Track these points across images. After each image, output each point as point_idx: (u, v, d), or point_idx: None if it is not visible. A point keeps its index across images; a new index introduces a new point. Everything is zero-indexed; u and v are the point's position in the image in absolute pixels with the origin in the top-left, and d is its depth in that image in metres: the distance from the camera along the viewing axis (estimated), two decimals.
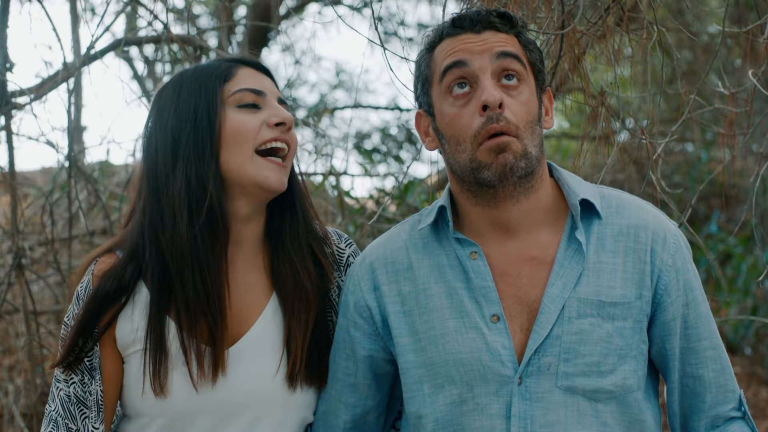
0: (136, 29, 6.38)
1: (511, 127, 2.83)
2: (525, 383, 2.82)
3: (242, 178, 2.97)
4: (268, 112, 3.01)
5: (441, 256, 3.00)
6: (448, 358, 2.89)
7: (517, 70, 2.90)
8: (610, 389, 2.85)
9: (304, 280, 3.09)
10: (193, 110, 2.97)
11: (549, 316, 2.84)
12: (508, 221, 2.93)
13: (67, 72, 5.10)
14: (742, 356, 10.75)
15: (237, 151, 2.97)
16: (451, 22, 2.97)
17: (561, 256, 2.90)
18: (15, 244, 5.35)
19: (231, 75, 3.02)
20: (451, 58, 2.91)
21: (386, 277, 3.04)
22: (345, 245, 3.28)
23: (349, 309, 3.09)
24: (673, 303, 2.92)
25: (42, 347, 6.12)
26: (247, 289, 3.08)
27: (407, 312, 2.99)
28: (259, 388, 3.02)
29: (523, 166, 2.83)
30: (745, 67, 6.67)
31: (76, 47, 5.74)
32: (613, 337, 2.85)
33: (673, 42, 3.85)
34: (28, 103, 5.13)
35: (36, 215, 7.52)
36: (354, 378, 3.10)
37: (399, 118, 12.16)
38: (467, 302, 2.91)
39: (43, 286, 7.21)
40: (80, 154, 6.47)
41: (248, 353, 3.02)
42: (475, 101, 2.86)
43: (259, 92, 3.02)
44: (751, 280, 10.59)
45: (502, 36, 2.94)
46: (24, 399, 6.76)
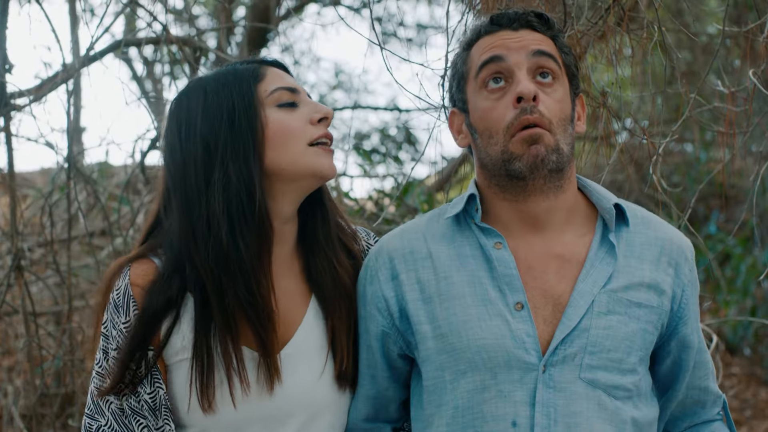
0: (135, 30, 6.37)
1: (545, 120, 2.85)
2: (549, 372, 2.83)
3: (297, 171, 2.94)
4: (308, 109, 3.00)
5: (463, 246, 3.00)
6: (471, 344, 2.89)
7: (553, 69, 2.93)
8: (628, 387, 2.87)
9: (343, 276, 3.09)
10: (228, 113, 2.92)
11: (578, 310, 2.86)
12: (537, 216, 2.95)
13: (66, 73, 5.10)
14: (742, 357, 10.76)
15: (287, 148, 2.94)
16: (489, 20, 3.01)
17: (593, 255, 2.93)
18: (14, 246, 5.35)
19: (262, 75, 3.00)
20: (488, 53, 2.94)
21: (404, 265, 3.04)
22: (374, 242, 3.29)
23: (367, 301, 3.09)
24: (691, 317, 2.99)
25: (41, 348, 6.11)
26: (287, 293, 3.05)
27: (426, 299, 2.99)
28: (309, 393, 3.01)
29: (554, 159, 2.86)
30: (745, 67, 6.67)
31: (75, 48, 5.74)
32: (636, 338, 2.89)
33: (673, 42, 3.85)
34: (27, 105, 5.13)
35: (35, 216, 7.52)
36: (374, 370, 3.10)
37: (398, 118, 12.18)
38: (491, 290, 2.92)
39: (42, 287, 7.21)
40: (79, 155, 6.46)
41: (296, 358, 3.01)
42: (510, 94, 2.88)
43: (294, 90, 3.01)
44: (751, 281, 10.60)
45: (539, 36, 2.97)
46: (23, 400, 6.77)
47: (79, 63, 5.14)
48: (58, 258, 6.57)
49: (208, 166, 2.91)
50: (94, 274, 7.63)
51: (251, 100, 2.94)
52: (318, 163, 2.95)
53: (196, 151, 2.92)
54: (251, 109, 2.93)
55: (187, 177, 2.93)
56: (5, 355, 7.55)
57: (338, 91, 12.51)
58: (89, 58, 5.23)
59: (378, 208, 6.82)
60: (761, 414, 9.56)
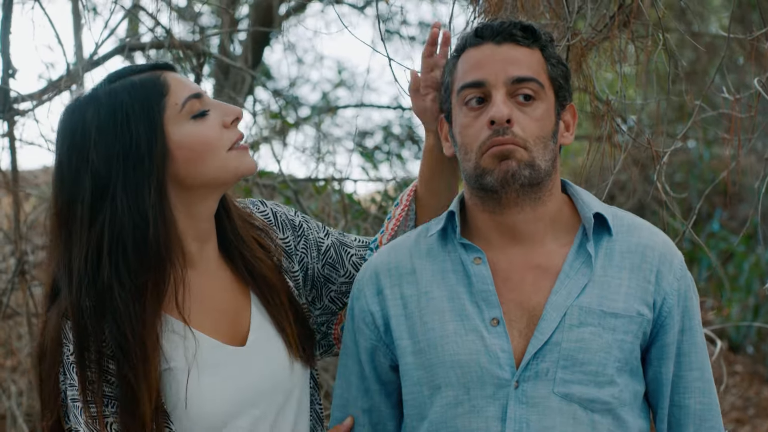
0: (138, 35, 6.36)
1: (518, 140, 2.85)
2: (522, 387, 2.83)
3: (221, 178, 2.92)
4: (218, 113, 2.94)
5: (445, 262, 3.01)
6: (446, 359, 2.90)
7: (533, 90, 2.91)
8: (606, 400, 2.85)
9: (261, 268, 3.08)
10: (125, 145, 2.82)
11: (550, 323, 2.85)
12: (514, 227, 2.95)
13: (69, 79, 5.10)
14: (744, 355, 10.76)
15: (208, 161, 2.89)
16: (473, 32, 3.00)
17: (568, 266, 2.92)
18: (18, 250, 5.35)
19: (166, 86, 2.89)
20: (469, 76, 2.94)
21: (389, 281, 3.05)
22: (263, 207, 3.26)
23: (355, 316, 3.11)
24: (673, 327, 2.93)
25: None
26: (225, 285, 3.07)
27: (408, 315, 3.00)
28: (278, 377, 3.03)
29: (527, 174, 2.86)
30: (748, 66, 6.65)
31: (78, 53, 5.73)
32: (612, 349, 2.85)
33: (675, 41, 3.84)
34: (30, 110, 5.12)
35: (39, 218, 7.52)
36: (367, 383, 3.11)
37: (401, 116, 12.16)
38: (468, 306, 2.92)
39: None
40: None
41: (259, 346, 3.02)
42: (485, 115, 2.88)
43: (199, 95, 2.93)
44: (754, 279, 10.61)
45: (523, 51, 2.95)
46: (27, 400, 6.78)
47: (82, 68, 5.13)
48: None
49: (96, 199, 2.83)
50: None
51: (155, 126, 2.85)
52: (241, 165, 2.94)
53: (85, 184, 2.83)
54: (154, 138, 2.84)
55: (72, 210, 2.84)
56: (8, 355, 7.55)
57: (341, 88, 12.49)
58: (93, 63, 5.22)
59: (381, 212, 6.81)
60: (764, 412, 9.57)
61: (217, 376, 2.94)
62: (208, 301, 3.02)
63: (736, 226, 12.05)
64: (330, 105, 11.86)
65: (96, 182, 2.82)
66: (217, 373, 2.95)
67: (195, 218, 2.98)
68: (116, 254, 2.83)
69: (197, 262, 3.02)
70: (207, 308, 3.01)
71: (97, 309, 2.82)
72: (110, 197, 2.82)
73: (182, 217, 2.95)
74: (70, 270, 2.84)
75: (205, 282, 3.03)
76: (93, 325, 2.83)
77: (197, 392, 2.91)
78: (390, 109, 11.98)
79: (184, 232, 2.97)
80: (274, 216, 3.26)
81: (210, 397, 2.93)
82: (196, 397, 2.91)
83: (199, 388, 2.91)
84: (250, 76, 7.59)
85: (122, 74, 2.97)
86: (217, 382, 2.94)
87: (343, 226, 6.32)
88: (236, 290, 3.09)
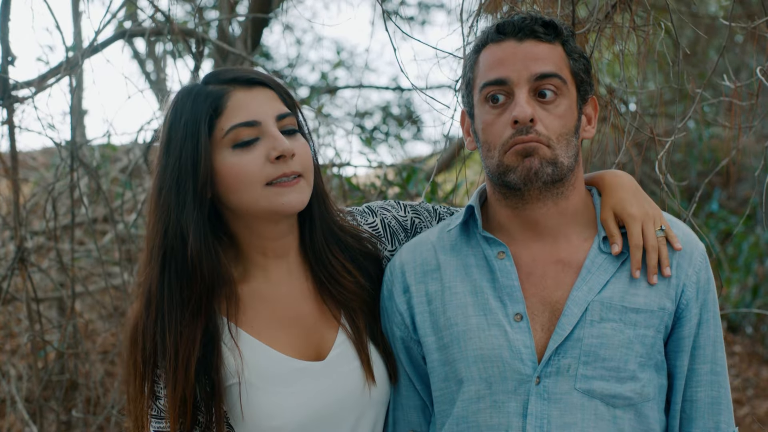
0: (138, 22, 6.33)
1: (542, 138, 2.87)
2: (543, 383, 2.84)
3: (258, 211, 2.93)
4: (267, 145, 2.92)
5: (469, 257, 3.04)
6: (469, 354, 2.92)
7: (556, 86, 2.92)
8: (628, 395, 2.86)
9: (346, 283, 3.09)
10: (176, 160, 2.92)
11: (571, 318, 2.86)
12: (537, 222, 2.97)
13: (69, 66, 5.07)
14: (743, 336, 10.76)
15: (243, 193, 2.92)
16: (495, 28, 2.99)
17: (590, 262, 2.93)
18: (17, 238, 5.34)
19: (222, 107, 2.92)
20: (491, 73, 2.94)
21: (415, 278, 3.08)
22: (371, 218, 3.26)
23: (387, 316, 3.13)
24: (690, 320, 2.93)
25: (44, 333, 6.12)
26: (305, 298, 3.09)
27: (432, 311, 3.03)
28: (352, 397, 3.04)
29: (549, 172, 2.88)
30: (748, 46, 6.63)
31: (77, 40, 5.71)
32: (634, 344, 2.86)
33: (675, 22, 3.82)
34: (30, 97, 5.10)
35: (38, 203, 7.51)
36: (411, 381, 3.12)
37: (400, 96, 12.14)
38: (492, 300, 2.94)
39: (44, 273, 7.19)
40: (82, 147, 6.45)
41: (339, 363, 3.04)
42: (508, 113, 2.89)
43: (253, 123, 2.92)
44: (753, 259, 10.59)
45: (544, 47, 2.95)
46: (27, 383, 6.78)
47: (82, 55, 5.11)
48: (60, 244, 6.57)
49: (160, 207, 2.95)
50: (96, 260, 7.62)
51: (198, 144, 2.90)
52: (277, 204, 2.91)
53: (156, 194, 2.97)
54: (198, 160, 2.90)
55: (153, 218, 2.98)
56: (8, 338, 7.55)
57: (340, 69, 12.46)
58: (92, 49, 5.20)
59: (381, 197, 6.80)
60: (763, 393, 9.57)
61: (285, 390, 2.96)
62: (281, 313, 3.04)
63: (735, 206, 12.04)
64: (329, 86, 11.82)
65: (159, 190, 2.95)
66: (286, 387, 2.96)
67: (260, 237, 3.01)
68: (168, 263, 2.93)
69: (271, 273, 3.05)
70: (281, 321, 3.03)
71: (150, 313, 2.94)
72: (165, 205, 2.93)
73: (245, 233, 3.01)
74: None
75: (280, 292, 3.05)
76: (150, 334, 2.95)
77: (262, 406, 2.94)
78: (389, 90, 11.96)
79: (249, 247, 3.03)
80: (384, 227, 3.25)
81: (276, 413, 2.94)
82: (262, 411, 2.94)
83: (265, 403, 2.94)
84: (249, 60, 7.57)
85: (213, 76, 3.01)
86: (284, 397, 2.95)
87: None
88: (319, 304, 3.09)
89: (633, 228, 2.94)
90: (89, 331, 7.60)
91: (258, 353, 2.97)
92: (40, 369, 6.30)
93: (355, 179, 7.40)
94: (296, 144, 2.96)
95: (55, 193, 6.00)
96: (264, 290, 3.04)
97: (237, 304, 2.99)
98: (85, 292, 7.16)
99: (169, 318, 2.91)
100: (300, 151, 2.96)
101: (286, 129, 2.96)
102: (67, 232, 7.23)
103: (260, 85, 3.00)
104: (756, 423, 8.81)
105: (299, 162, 2.94)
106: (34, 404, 6.18)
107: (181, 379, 2.89)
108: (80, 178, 6.45)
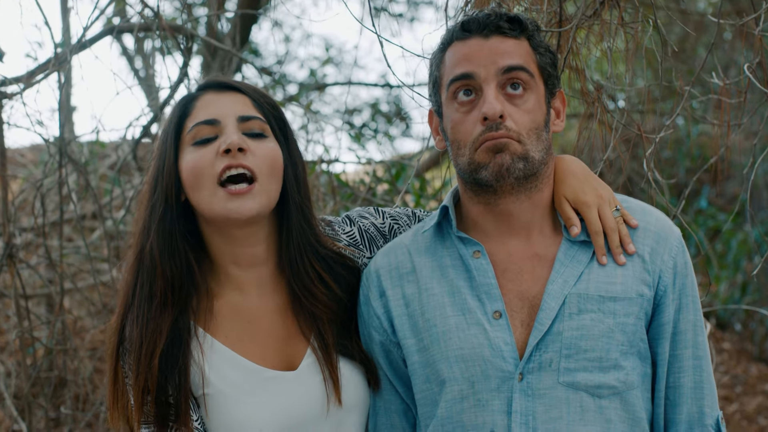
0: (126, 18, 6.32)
1: (512, 134, 2.87)
2: (527, 379, 2.84)
3: (215, 215, 2.94)
4: (220, 140, 2.95)
5: (444, 257, 3.03)
6: (450, 354, 2.92)
7: (524, 80, 2.92)
8: (612, 384, 2.86)
9: (319, 294, 3.08)
10: (157, 157, 3.02)
11: (549, 312, 2.86)
12: (510, 217, 2.97)
13: (57, 62, 5.06)
14: (732, 332, 10.79)
15: (200, 189, 2.94)
16: (460, 26, 2.99)
17: (562, 254, 2.94)
18: (6, 234, 5.33)
19: (191, 109, 2.98)
20: (458, 69, 2.94)
21: (390, 282, 3.08)
22: (349, 227, 3.27)
23: (364, 322, 3.13)
24: (669, 305, 2.93)
25: (32, 330, 6.11)
26: (277, 311, 3.09)
27: (410, 313, 3.02)
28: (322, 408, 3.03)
29: (521, 167, 2.87)
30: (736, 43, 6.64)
31: (66, 36, 5.69)
32: (614, 333, 2.86)
33: (664, 19, 3.84)
34: (18, 93, 5.09)
35: (27, 200, 7.49)
36: (392, 385, 3.11)
37: (389, 93, 12.14)
38: (470, 299, 2.94)
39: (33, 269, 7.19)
40: (70, 144, 6.45)
41: (310, 372, 3.04)
42: (477, 110, 2.89)
43: (211, 122, 2.95)
44: (741, 256, 10.62)
45: (510, 42, 2.95)
46: (15, 380, 6.77)
47: (70, 51, 5.10)
48: (48, 241, 6.55)
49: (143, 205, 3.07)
50: (84, 257, 7.61)
51: (166, 147, 2.99)
52: (225, 209, 2.92)
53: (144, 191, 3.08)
54: (165, 158, 2.98)
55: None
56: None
57: (329, 66, 12.45)
58: (81, 46, 5.19)
59: (371, 193, 6.80)
60: (752, 390, 9.60)
61: (257, 400, 2.96)
62: (256, 324, 3.05)
63: (723, 203, 12.07)
64: (318, 82, 11.81)
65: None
66: (258, 396, 2.96)
67: (231, 243, 3.02)
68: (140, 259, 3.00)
69: (244, 285, 3.06)
70: (255, 331, 3.04)
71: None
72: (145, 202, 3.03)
73: (217, 240, 3.03)
74: None
75: (253, 305, 3.06)
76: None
77: (234, 415, 2.95)
78: (378, 87, 11.95)
79: (222, 257, 3.04)
80: (361, 234, 3.26)
81: (248, 422, 2.95)
82: (234, 419, 2.95)
83: (237, 412, 2.95)
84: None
85: (200, 85, 3.09)
86: (256, 407, 2.96)
87: (332, 208, 6.31)
88: (290, 320, 3.08)
89: (590, 215, 2.95)
90: (78, 327, 7.59)
91: (231, 363, 2.98)
92: (29, 366, 6.28)
93: (344, 176, 7.39)
94: (258, 146, 2.96)
95: (44, 189, 6.00)
96: (237, 302, 3.05)
97: (211, 313, 3.02)
98: (73, 288, 7.16)
99: (138, 310, 2.95)
100: (260, 153, 2.96)
101: (252, 132, 2.98)
102: (56, 229, 7.22)
103: (233, 90, 3.04)
104: (744, 420, 8.83)
105: (254, 162, 2.94)
106: (22, 401, 6.16)
107: (144, 369, 2.90)
108: (69, 174, 6.46)
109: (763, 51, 3.97)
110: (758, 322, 10.43)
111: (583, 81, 4.01)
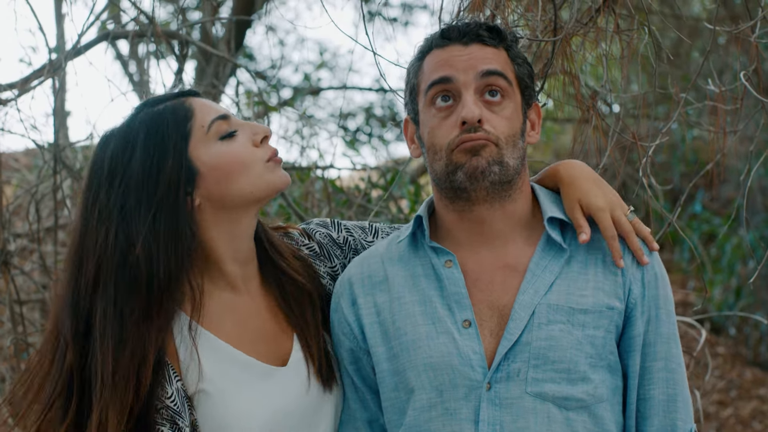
0: (120, 24, 6.32)
1: (491, 136, 2.88)
2: (495, 389, 2.84)
3: (257, 192, 2.98)
4: (247, 133, 3.02)
5: (416, 267, 3.04)
6: (419, 362, 2.92)
7: (502, 87, 2.93)
8: (580, 397, 2.86)
9: (298, 279, 3.13)
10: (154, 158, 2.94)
11: (519, 322, 2.87)
12: (483, 226, 2.97)
13: (52, 67, 5.06)
14: (727, 337, 10.80)
15: (243, 177, 2.97)
16: (440, 33, 3.01)
17: (534, 264, 2.94)
18: (0, 240, 5.32)
19: (191, 112, 2.99)
20: (436, 73, 2.95)
21: (362, 290, 3.09)
22: (308, 241, 3.30)
23: (335, 328, 3.14)
24: (639, 318, 2.93)
25: (27, 335, 6.10)
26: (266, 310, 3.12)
27: (381, 322, 3.03)
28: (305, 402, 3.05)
29: (497, 171, 2.88)
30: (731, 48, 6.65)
31: (61, 42, 5.69)
32: (583, 345, 2.87)
33: (658, 24, 3.84)
34: (13, 99, 5.09)
35: (21, 206, 7.49)
36: (360, 393, 3.11)
37: (383, 98, 12.16)
38: (440, 309, 2.95)
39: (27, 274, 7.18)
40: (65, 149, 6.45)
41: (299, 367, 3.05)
42: (456, 114, 2.90)
43: (226, 116, 3.01)
44: (736, 261, 10.63)
45: (490, 51, 2.97)
46: (9, 386, 6.75)
47: (65, 57, 5.09)
48: (42, 246, 6.55)
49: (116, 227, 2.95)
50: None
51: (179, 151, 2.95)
52: (276, 179, 3.01)
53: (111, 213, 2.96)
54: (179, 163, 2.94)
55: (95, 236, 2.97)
56: None
57: (323, 69, 12.47)
58: (75, 51, 5.18)
59: (366, 199, 6.80)
60: (746, 394, 9.61)
61: (253, 395, 2.97)
62: (249, 323, 3.06)
63: (718, 207, 12.08)
64: (312, 87, 11.83)
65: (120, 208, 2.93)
66: (255, 392, 2.98)
67: (236, 239, 3.03)
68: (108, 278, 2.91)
69: (238, 284, 3.07)
70: (248, 330, 3.05)
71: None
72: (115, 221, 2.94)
73: (223, 240, 3.03)
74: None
75: (246, 304, 3.08)
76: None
77: (232, 411, 2.95)
78: (372, 91, 11.96)
79: (224, 254, 3.03)
80: (320, 246, 3.29)
81: (245, 415, 2.96)
82: (230, 416, 2.95)
83: (234, 407, 2.95)
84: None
85: (148, 104, 3.04)
86: (252, 401, 2.97)
87: (327, 214, 6.31)
88: (278, 311, 3.12)
89: (604, 220, 2.94)
90: None
91: (229, 358, 2.99)
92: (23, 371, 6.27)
93: (338, 182, 7.39)
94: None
95: (38, 195, 5.99)
96: (230, 300, 3.06)
97: (206, 310, 3.01)
98: None
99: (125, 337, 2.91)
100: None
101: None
102: (50, 235, 7.20)
103: (197, 95, 3.09)
104: (739, 424, 8.84)
105: None
106: (15, 406, 6.15)
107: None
108: (63, 180, 6.43)
109: (759, 58, 3.97)
110: (753, 327, 10.44)
111: (578, 87, 4.00)
